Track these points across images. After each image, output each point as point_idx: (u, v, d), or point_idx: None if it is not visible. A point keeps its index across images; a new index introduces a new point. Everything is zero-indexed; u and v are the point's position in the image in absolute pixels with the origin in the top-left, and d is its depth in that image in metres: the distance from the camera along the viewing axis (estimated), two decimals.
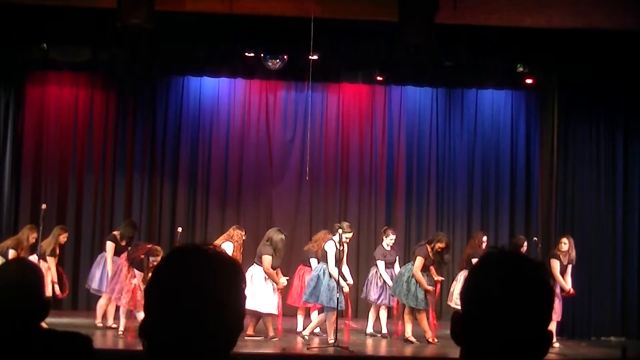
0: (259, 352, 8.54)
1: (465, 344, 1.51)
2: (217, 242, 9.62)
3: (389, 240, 10.10)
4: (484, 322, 1.47)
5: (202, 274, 1.48)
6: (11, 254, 9.29)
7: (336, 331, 8.98)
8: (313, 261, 9.90)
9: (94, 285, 10.14)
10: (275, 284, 9.41)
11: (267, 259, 9.36)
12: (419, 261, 9.52)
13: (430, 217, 12.62)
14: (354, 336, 9.83)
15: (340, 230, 9.24)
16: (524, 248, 10.02)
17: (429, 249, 9.62)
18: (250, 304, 9.00)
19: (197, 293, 1.46)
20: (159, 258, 9.16)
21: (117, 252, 9.99)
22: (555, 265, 9.61)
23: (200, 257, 1.51)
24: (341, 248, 9.18)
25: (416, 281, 9.50)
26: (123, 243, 10.11)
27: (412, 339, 9.53)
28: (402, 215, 12.65)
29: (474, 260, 9.78)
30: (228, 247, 9.39)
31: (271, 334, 9.35)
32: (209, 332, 1.46)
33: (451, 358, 8.24)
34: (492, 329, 1.46)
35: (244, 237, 9.81)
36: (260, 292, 9.28)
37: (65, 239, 9.98)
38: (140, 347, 1.50)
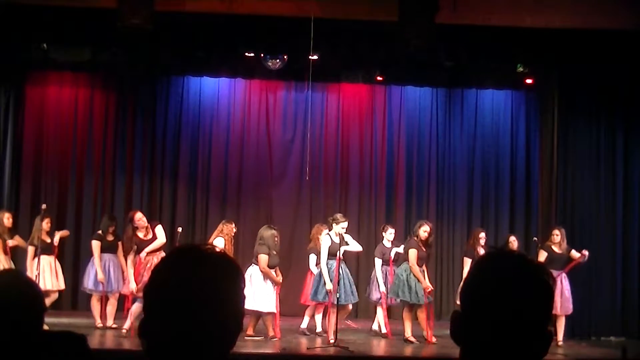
0: (259, 352, 8.54)
1: (465, 343, 1.51)
2: (210, 239, 9.67)
3: (388, 235, 10.09)
4: (483, 322, 1.47)
5: (201, 274, 1.48)
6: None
7: (336, 331, 8.97)
8: (311, 257, 9.91)
9: (90, 285, 10.14)
10: (273, 283, 9.42)
11: (263, 258, 9.38)
12: (413, 254, 9.49)
13: (430, 217, 12.56)
14: (354, 336, 9.83)
15: (334, 223, 9.24)
16: (514, 247, 10.13)
17: (416, 240, 9.61)
18: (250, 304, 9.02)
19: (197, 293, 1.46)
20: (136, 216, 9.50)
21: (108, 249, 9.99)
22: (542, 256, 9.75)
23: (200, 257, 1.51)
24: (338, 240, 9.18)
25: (414, 277, 9.48)
26: (110, 238, 10.08)
27: (412, 339, 9.53)
28: (402, 215, 12.65)
29: (467, 259, 9.93)
30: (219, 242, 9.47)
31: (271, 333, 9.35)
32: (208, 332, 1.46)
33: (451, 358, 8.24)
34: (491, 329, 1.46)
35: (234, 230, 9.85)
36: (259, 291, 9.28)
37: (49, 224, 9.92)
38: (140, 347, 1.50)
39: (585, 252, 9.89)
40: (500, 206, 12.70)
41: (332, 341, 8.95)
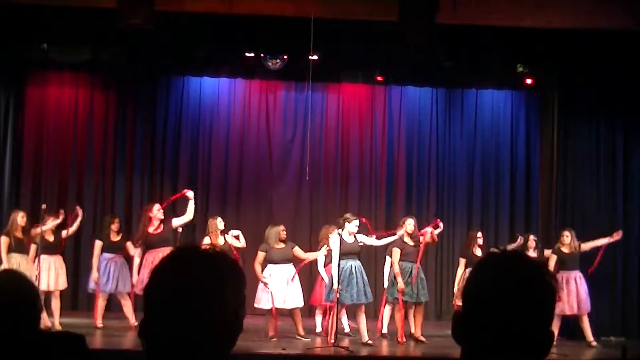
0: (259, 352, 8.54)
1: (466, 343, 1.51)
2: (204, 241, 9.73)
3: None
4: (485, 322, 1.47)
5: (202, 274, 1.48)
6: (3, 241, 9.34)
7: (336, 331, 8.98)
8: (319, 258, 9.86)
9: (91, 285, 10.14)
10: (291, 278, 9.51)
11: (258, 255, 9.55)
12: (395, 252, 9.53)
13: (430, 217, 12.59)
14: (354, 336, 9.83)
15: (346, 222, 9.26)
16: (533, 246, 10.14)
17: (401, 238, 9.62)
18: (264, 304, 9.26)
19: (197, 293, 1.45)
20: (155, 207, 9.54)
21: (111, 249, 9.99)
22: (552, 260, 9.79)
23: (200, 257, 1.51)
24: (353, 240, 9.20)
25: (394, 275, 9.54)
26: (115, 238, 10.08)
27: (422, 338, 9.51)
28: (402, 215, 12.59)
29: (462, 259, 9.97)
30: (206, 240, 9.61)
31: (271, 333, 9.36)
32: (209, 332, 1.46)
33: (452, 358, 8.24)
34: (493, 329, 1.46)
35: (219, 223, 9.87)
36: (286, 289, 9.37)
37: (52, 222, 9.91)
38: (140, 347, 1.50)
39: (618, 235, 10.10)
40: (500, 206, 12.69)
41: (332, 341, 8.96)
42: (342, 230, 9.28)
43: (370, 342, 9.18)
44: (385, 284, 9.97)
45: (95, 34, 10.39)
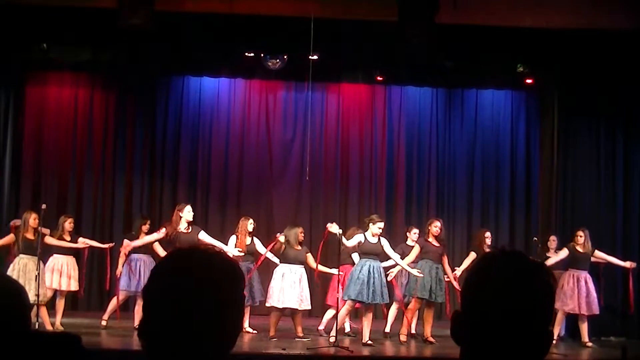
0: (259, 352, 8.53)
1: (465, 343, 1.50)
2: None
3: (412, 236, 10.12)
4: (484, 322, 1.46)
5: (201, 274, 1.47)
6: (9, 237, 9.35)
7: (337, 331, 8.99)
8: (354, 256, 9.85)
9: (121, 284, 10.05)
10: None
11: (277, 242, 9.66)
12: (414, 250, 9.57)
13: (430, 217, 12.58)
14: (355, 336, 9.82)
15: (371, 224, 9.28)
16: (553, 246, 10.18)
17: (424, 238, 9.65)
18: (285, 302, 9.32)
19: (197, 294, 1.45)
20: (186, 209, 9.35)
21: (140, 249, 9.96)
22: (564, 253, 9.86)
23: (200, 258, 1.51)
24: (376, 240, 9.21)
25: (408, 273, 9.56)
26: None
27: (432, 339, 9.51)
28: (402, 215, 12.65)
29: (472, 254, 9.91)
30: (232, 240, 9.72)
31: (272, 333, 9.37)
32: (208, 332, 1.46)
33: (451, 358, 8.23)
34: (492, 329, 1.46)
35: (250, 225, 9.89)
36: (298, 290, 9.40)
37: (72, 224, 9.83)
38: (140, 348, 1.50)
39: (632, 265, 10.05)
40: (501, 206, 12.70)
41: (333, 341, 8.97)
42: (366, 231, 9.29)
43: (370, 342, 9.18)
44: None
45: (95, 34, 10.40)
